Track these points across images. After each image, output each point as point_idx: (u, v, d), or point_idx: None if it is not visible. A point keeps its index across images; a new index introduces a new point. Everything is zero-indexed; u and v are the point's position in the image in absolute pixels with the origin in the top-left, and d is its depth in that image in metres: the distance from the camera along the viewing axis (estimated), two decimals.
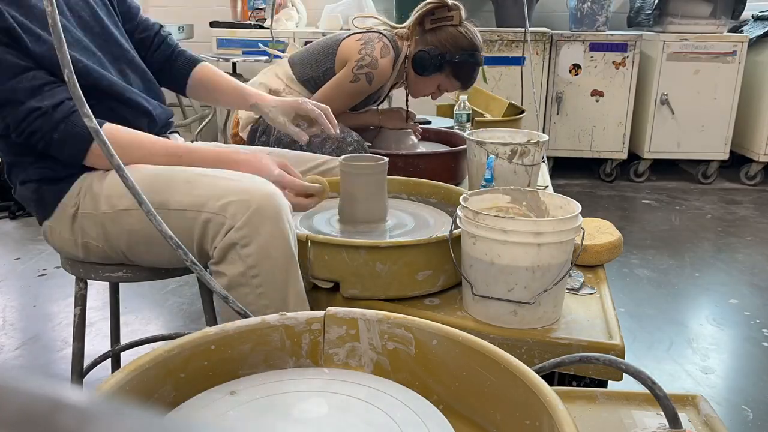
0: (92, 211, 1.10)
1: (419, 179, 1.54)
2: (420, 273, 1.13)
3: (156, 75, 1.34)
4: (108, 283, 1.56)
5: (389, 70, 1.80)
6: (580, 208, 1.06)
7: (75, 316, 1.25)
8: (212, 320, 1.26)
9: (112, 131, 1.09)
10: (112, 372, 1.59)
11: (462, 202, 1.08)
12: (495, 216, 1.02)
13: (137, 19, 1.37)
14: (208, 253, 1.05)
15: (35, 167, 1.12)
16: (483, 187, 1.46)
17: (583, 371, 1.04)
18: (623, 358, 1.01)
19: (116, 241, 1.10)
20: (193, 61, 1.40)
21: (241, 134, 1.94)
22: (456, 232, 1.12)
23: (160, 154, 1.14)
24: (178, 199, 1.04)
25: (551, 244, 1.00)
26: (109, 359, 1.56)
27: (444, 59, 1.79)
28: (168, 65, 1.39)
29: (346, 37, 1.85)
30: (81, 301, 1.25)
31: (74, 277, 1.22)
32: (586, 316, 1.12)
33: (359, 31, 1.86)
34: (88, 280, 1.23)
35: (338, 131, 1.35)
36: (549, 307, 1.06)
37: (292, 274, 1.04)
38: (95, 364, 1.47)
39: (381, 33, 1.82)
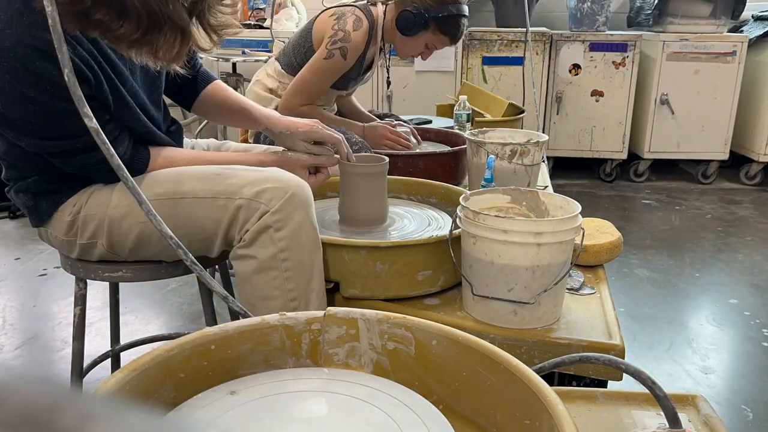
0: (97, 211, 1.10)
1: (419, 179, 1.54)
2: (420, 273, 1.13)
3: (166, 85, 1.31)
4: (108, 283, 1.56)
5: (362, 42, 1.81)
6: (579, 208, 1.06)
7: (75, 316, 1.25)
8: (212, 320, 1.26)
9: (170, 156, 1.15)
10: (112, 372, 1.59)
11: (462, 202, 1.08)
12: (495, 216, 1.02)
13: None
14: (235, 238, 1.08)
15: (32, 180, 1.12)
16: (483, 187, 1.46)
17: (583, 371, 1.04)
18: (623, 358, 1.01)
19: (124, 237, 1.11)
20: (208, 79, 1.34)
21: (249, 141, 1.96)
22: (456, 232, 1.12)
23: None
24: (209, 187, 1.07)
25: (551, 244, 1.00)
26: (109, 359, 1.56)
27: (428, 16, 1.79)
28: (186, 83, 1.32)
29: (320, 13, 1.86)
30: (81, 301, 1.24)
31: (74, 277, 1.22)
32: (586, 316, 1.12)
33: (333, 6, 1.86)
34: (87, 280, 1.23)
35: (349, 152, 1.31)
36: (549, 307, 1.06)
37: (317, 261, 1.08)
38: (95, 364, 1.47)
39: (354, 5, 1.83)
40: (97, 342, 1.89)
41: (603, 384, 1.06)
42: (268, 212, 1.04)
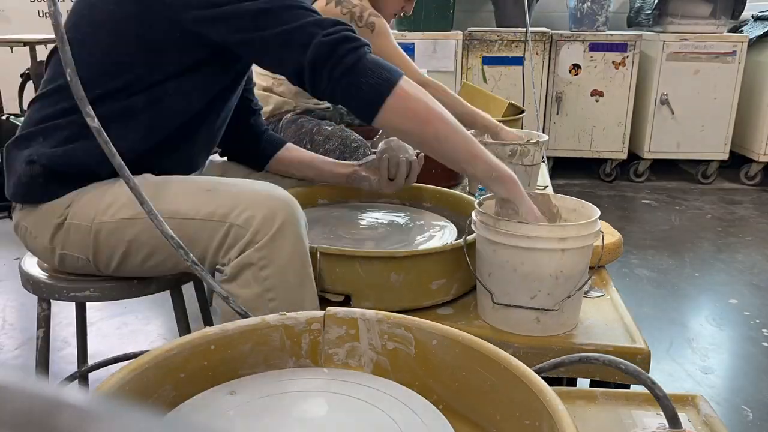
0: (83, 222, 1.03)
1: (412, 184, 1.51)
2: (434, 282, 1.10)
3: (231, 144, 1.38)
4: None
5: (369, 6, 1.74)
6: (599, 212, 1.03)
7: (38, 338, 1.15)
8: (208, 325, 1.25)
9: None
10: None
11: (478, 207, 1.06)
12: (518, 222, 0.99)
13: (248, 74, 1.32)
14: (218, 264, 1.00)
15: (56, 152, 1.03)
16: (480, 190, 1.45)
17: (610, 376, 1.00)
18: (649, 362, 1.00)
19: (108, 251, 1.04)
20: (280, 144, 1.41)
21: None
22: (469, 238, 1.09)
23: None
24: (198, 208, 0.99)
25: (575, 249, 0.98)
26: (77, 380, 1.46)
27: None
28: (254, 145, 1.40)
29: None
30: (44, 322, 1.15)
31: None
32: (602, 319, 1.09)
33: None
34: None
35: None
36: (571, 312, 1.04)
37: (307, 294, 1.00)
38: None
39: None
40: (97, 342, 1.89)
41: (623, 388, 1.03)
42: (253, 247, 0.94)
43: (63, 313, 2.07)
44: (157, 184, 1.04)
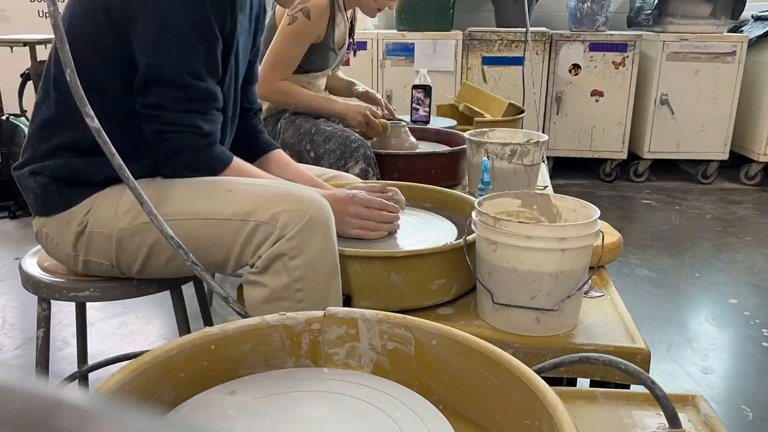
0: (104, 229, 1.05)
1: (411, 183, 1.50)
2: (434, 282, 1.10)
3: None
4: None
5: (324, 1, 1.77)
6: (599, 212, 1.03)
7: (38, 339, 1.14)
8: (208, 325, 1.25)
9: (239, 166, 1.12)
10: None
11: (478, 207, 1.06)
12: (518, 222, 0.99)
13: (254, 69, 1.34)
14: (247, 261, 1.01)
15: (57, 162, 1.06)
16: (480, 190, 1.45)
17: (610, 376, 1.00)
18: (649, 362, 1.00)
19: (131, 256, 1.06)
20: (272, 145, 1.39)
21: None
22: (469, 238, 1.10)
23: None
24: (220, 208, 1.01)
25: (574, 249, 0.98)
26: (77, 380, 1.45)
27: None
28: (246, 138, 1.37)
29: None
30: (44, 322, 1.15)
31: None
32: (602, 319, 1.09)
33: None
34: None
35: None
36: (570, 312, 1.04)
37: (333, 289, 1.01)
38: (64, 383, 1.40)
39: None
40: (98, 342, 1.89)
41: (626, 388, 1.03)
42: (284, 238, 0.96)
43: (63, 313, 2.07)
44: (177, 185, 1.05)
